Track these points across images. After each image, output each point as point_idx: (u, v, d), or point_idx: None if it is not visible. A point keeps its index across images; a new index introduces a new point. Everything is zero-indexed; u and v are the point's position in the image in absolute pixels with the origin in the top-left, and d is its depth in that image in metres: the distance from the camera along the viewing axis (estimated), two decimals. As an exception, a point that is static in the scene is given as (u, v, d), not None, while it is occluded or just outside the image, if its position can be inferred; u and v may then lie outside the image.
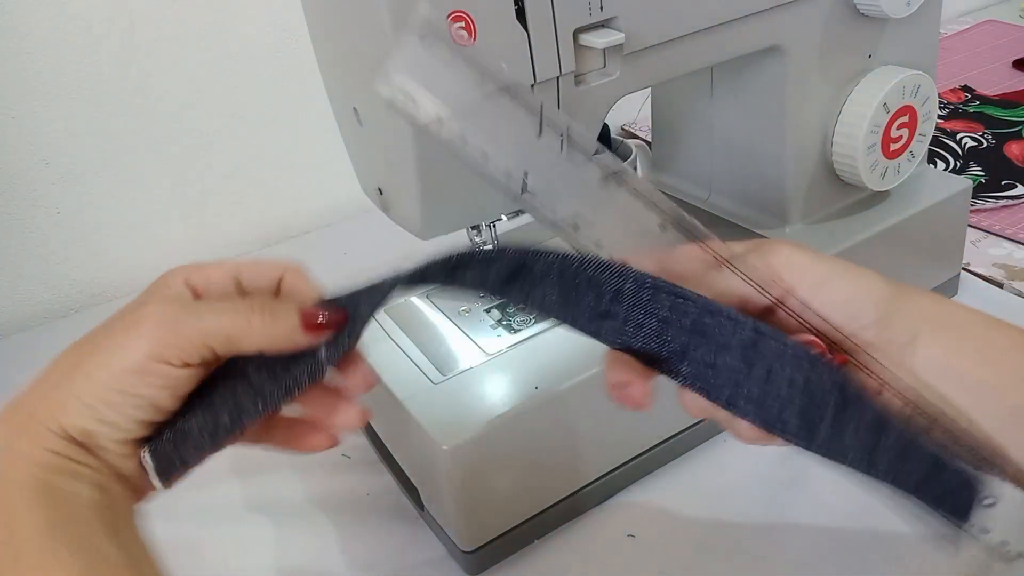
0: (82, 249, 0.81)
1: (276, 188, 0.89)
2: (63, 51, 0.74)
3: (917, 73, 0.54)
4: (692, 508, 0.51)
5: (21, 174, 0.76)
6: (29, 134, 0.75)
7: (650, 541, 0.49)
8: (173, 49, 0.78)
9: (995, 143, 0.87)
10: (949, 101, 0.97)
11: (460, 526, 0.47)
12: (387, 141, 0.43)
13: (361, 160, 0.49)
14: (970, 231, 0.71)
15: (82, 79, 0.75)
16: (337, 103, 0.48)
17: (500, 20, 0.39)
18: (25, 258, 0.79)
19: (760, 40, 0.50)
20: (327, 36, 0.45)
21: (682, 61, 0.48)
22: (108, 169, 0.79)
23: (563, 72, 0.42)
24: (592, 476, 0.50)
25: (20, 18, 0.71)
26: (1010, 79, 1.04)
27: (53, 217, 0.79)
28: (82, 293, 0.83)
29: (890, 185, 0.57)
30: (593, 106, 0.45)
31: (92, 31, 0.74)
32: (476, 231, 0.51)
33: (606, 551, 0.48)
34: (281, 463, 0.56)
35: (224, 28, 0.80)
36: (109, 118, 0.78)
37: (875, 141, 0.54)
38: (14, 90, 0.73)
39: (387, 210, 0.48)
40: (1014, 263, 0.69)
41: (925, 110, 0.56)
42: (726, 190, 0.61)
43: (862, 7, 0.52)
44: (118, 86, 0.77)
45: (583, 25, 0.42)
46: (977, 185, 0.79)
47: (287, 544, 0.51)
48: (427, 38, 0.32)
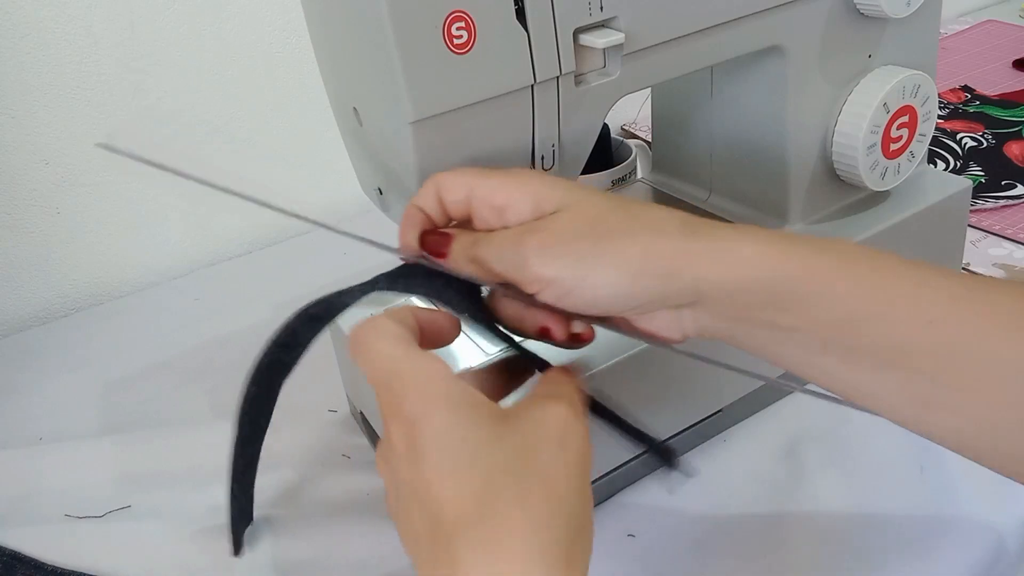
0: (82, 249, 0.81)
1: (276, 188, 0.89)
2: (63, 51, 0.74)
3: (917, 73, 0.54)
4: (692, 508, 0.51)
5: (21, 174, 0.76)
6: (29, 134, 0.75)
7: (650, 541, 0.49)
8: (173, 49, 0.78)
9: (995, 143, 0.87)
10: (949, 101, 0.97)
11: (460, 526, 0.46)
12: (387, 141, 0.43)
13: (361, 160, 0.49)
14: (970, 231, 0.71)
15: (82, 79, 0.75)
16: (337, 103, 0.48)
17: (500, 20, 0.39)
18: (25, 258, 0.79)
19: (760, 40, 0.50)
20: (327, 36, 0.45)
21: (682, 61, 0.48)
22: (108, 169, 0.79)
23: (563, 72, 0.42)
24: (592, 476, 0.50)
25: (20, 18, 0.71)
26: (1010, 79, 1.04)
27: (53, 217, 0.79)
28: (82, 293, 0.83)
29: (890, 185, 0.57)
30: (593, 106, 0.45)
31: (92, 31, 0.74)
32: (476, 231, 0.51)
33: (606, 551, 0.48)
34: (281, 463, 0.56)
35: (224, 28, 0.80)
36: (109, 118, 0.78)
37: (875, 141, 0.54)
38: (14, 90, 0.73)
39: (387, 210, 0.48)
40: (1014, 263, 0.69)
41: (925, 110, 0.56)
42: (726, 190, 0.61)
43: (862, 7, 0.52)
44: (118, 86, 0.77)
45: (583, 25, 0.42)
46: (977, 185, 0.79)
47: (287, 544, 0.51)
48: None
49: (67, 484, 0.57)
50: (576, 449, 0.32)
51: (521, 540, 0.28)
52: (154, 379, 0.69)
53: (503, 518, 0.29)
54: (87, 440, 0.62)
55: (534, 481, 0.30)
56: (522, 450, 0.30)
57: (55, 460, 0.60)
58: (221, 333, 0.72)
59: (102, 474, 0.58)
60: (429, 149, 0.41)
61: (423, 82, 0.38)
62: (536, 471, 0.30)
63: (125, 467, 0.59)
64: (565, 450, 0.31)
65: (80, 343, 0.75)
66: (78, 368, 0.71)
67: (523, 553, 0.28)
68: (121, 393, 0.67)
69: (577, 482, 0.31)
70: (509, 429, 0.31)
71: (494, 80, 0.40)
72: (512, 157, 0.44)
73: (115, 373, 0.70)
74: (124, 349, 0.73)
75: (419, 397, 0.31)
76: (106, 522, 0.54)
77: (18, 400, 0.68)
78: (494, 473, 0.30)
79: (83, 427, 0.64)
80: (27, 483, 0.58)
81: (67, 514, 0.55)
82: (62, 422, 0.64)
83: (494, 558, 0.28)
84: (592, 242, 0.34)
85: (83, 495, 0.56)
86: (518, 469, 0.30)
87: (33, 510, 0.56)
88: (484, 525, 0.29)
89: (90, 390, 0.68)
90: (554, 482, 0.30)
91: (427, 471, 0.30)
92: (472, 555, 0.28)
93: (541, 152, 0.44)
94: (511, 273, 0.36)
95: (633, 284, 0.34)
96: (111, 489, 0.57)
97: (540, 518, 0.29)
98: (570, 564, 0.29)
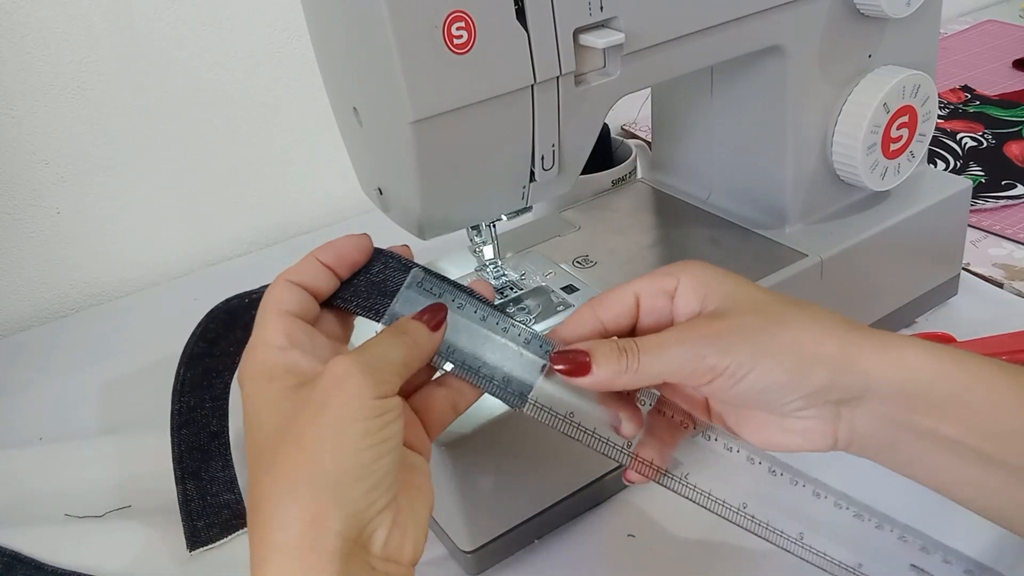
0: (82, 249, 0.81)
1: (276, 188, 0.89)
2: (63, 51, 0.74)
3: (917, 73, 0.54)
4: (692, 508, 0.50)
5: (21, 174, 0.76)
6: (29, 134, 0.75)
7: (650, 541, 0.49)
8: (173, 49, 0.78)
9: (995, 143, 0.87)
10: (949, 101, 0.97)
11: (460, 526, 0.47)
12: (387, 141, 0.43)
13: (361, 160, 0.49)
14: (970, 231, 0.71)
15: (82, 79, 0.75)
16: (337, 103, 0.48)
17: (500, 20, 0.39)
18: (25, 258, 0.79)
19: (760, 40, 0.50)
20: (327, 36, 0.45)
21: (682, 61, 0.48)
22: (108, 169, 0.79)
23: (563, 72, 0.42)
24: (592, 476, 0.50)
25: (20, 18, 0.71)
26: (1010, 79, 1.04)
27: (53, 217, 0.79)
28: (82, 293, 0.83)
29: (890, 185, 0.57)
30: (593, 106, 0.45)
31: (92, 31, 0.74)
32: (476, 231, 0.51)
33: (606, 551, 0.48)
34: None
35: (224, 28, 0.80)
36: (109, 118, 0.78)
37: (875, 141, 0.54)
38: (14, 90, 0.73)
39: (387, 210, 0.48)
40: (1014, 263, 0.69)
41: (925, 110, 0.56)
42: (726, 190, 0.61)
43: (862, 7, 0.52)
44: (118, 86, 0.77)
45: (583, 25, 0.42)
46: (977, 185, 0.79)
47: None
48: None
49: (67, 484, 0.57)
50: (339, 405, 0.31)
51: (272, 505, 0.30)
52: (154, 379, 0.68)
53: (257, 485, 0.31)
54: (87, 440, 0.61)
55: (289, 443, 0.31)
56: (287, 418, 0.32)
57: (55, 460, 0.60)
58: (221, 333, 0.72)
59: (102, 474, 0.58)
60: (429, 149, 0.41)
61: (423, 82, 0.38)
62: (291, 434, 0.31)
63: (125, 467, 0.58)
64: (324, 409, 0.31)
65: (80, 343, 0.75)
66: (78, 368, 0.71)
67: (271, 521, 0.30)
68: (121, 393, 0.67)
69: (333, 441, 0.31)
70: (291, 401, 0.33)
71: (494, 80, 0.40)
72: (512, 157, 0.44)
73: (115, 373, 0.70)
74: (124, 349, 0.73)
75: (243, 369, 0.35)
76: (106, 522, 0.54)
77: (18, 400, 0.68)
78: (261, 444, 0.32)
79: (83, 427, 0.64)
80: (27, 483, 0.58)
81: (67, 514, 0.55)
82: (62, 422, 0.64)
83: (253, 524, 0.31)
84: (766, 329, 0.34)
85: (83, 495, 0.56)
86: (281, 437, 0.32)
87: (33, 510, 0.56)
88: (252, 493, 0.32)
89: (90, 390, 0.68)
90: (305, 442, 0.31)
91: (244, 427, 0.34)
92: (250, 525, 0.31)
93: (541, 152, 0.44)
94: (678, 368, 0.35)
95: (805, 370, 0.34)
96: (111, 489, 0.57)
97: (286, 480, 0.30)
98: (316, 524, 0.30)
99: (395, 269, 0.38)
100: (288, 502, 0.30)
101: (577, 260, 0.58)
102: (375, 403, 0.31)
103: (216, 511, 0.52)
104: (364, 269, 0.38)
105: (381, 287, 0.38)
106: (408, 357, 0.34)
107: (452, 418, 0.37)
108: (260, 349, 0.34)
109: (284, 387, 0.33)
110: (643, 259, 0.58)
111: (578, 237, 0.61)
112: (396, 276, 0.38)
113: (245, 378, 0.34)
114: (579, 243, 0.60)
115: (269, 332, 0.34)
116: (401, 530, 0.32)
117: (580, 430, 0.37)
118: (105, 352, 0.73)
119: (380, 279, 0.38)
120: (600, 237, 0.61)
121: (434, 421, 0.37)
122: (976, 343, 0.58)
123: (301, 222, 0.91)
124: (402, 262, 0.39)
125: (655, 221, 0.63)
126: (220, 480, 0.53)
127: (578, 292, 0.54)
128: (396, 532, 0.32)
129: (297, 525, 0.29)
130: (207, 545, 0.52)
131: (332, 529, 0.30)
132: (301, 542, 0.29)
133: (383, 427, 0.31)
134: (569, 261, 0.58)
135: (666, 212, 0.64)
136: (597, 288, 0.54)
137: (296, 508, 0.30)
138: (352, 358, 0.32)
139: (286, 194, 0.90)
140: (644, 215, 0.64)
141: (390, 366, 0.33)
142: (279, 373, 0.33)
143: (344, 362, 0.32)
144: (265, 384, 0.33)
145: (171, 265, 0.86)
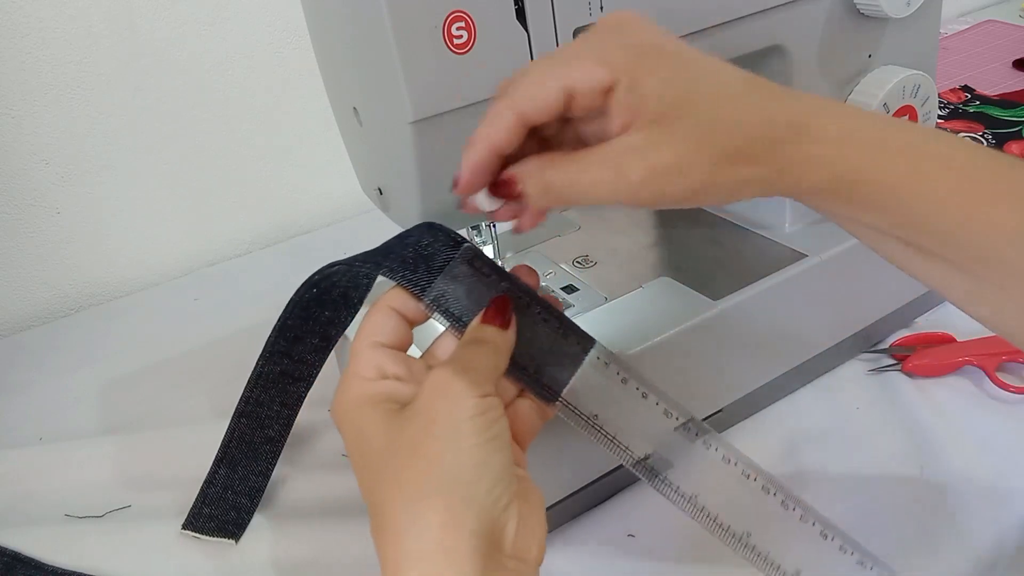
0: (82, 249, 0.81)
1: (276, 188, 0.89)
2: (63, 51, 0.74)
3: (917, 73, 0.54)
4: (692, 508, 0.50)
5: (21, 174, 0.76)
6: (29, 134, 0.75)
7: (650, 541, 0.49)
8: (173, 49, 0.78)
9: (995, 143, 0.87)
10: (949, 101, 0.97)
11: (460, 526, 0.46)
12: (387, 141, 0.43)
13: (361, 160, 0.49)
14: (970, 231, 0.70)
15: (82, 79, 0.75)
16: (337, 103, 0.48)
17: (500, 20, 0.39)
18: (25, 258, 0.79)
19: (760, 40, 0.50)
20: (327, 36, 0.45)
21: (682, 61, 0.48)
22: (108, 169, 0.79)
23: (563, 72, 0.42)
24: (592, 476, 0.50)
25: (20, 18, 0.71)
26: (1010, 79, 1.04)
27: (53, 217, 0.79)
28: (82, 293, 0.83)
29: (890, 185, 0.57)
30: (593, 106, 0.45)
31: (92, 31, 0.74)
32: (476, 231, 0.51)
33: (606, 551, 0.48)
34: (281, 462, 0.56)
35: (224, 28, 0.80)
36: (109, 118, 0.78)
37: (875, 141, 0.54)
38: (14, 90, 0.73)
39: (387, 210, 0.48)
40: (1014, 263, 0.69)
41: (925, 110, 0.56)
42: (726, 190, 0.61)
43: (862, 7, 0.52)
44: (118, 86, 0.77)
45: (583, 25, 0.42)
46: (977, 185, 0.79)
47: (287, 544, 0.51)
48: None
49: (67, 484, 0.57)
50: (447, 409, 0.33)
51: (402, 515, 0.31)
52: (154, 379, 0.69)
53: (381, 502, 0.32)
54: (87, 440, 0.62)
55: (406, 455, 0.32)
56: (398, 434, 0.33)
57: (55, 460, 0.60)
58: (221, 333, 0.72)
59: (102, 474, 0.58)
60: (429, 149, 0.41)
61: (423, 82, 0.38)
62: (406, 446, 0.32)
63: (125, 467, 0.58)
64: (433, 415, 0.33)
65: (80, 343, 0.75)
66: (78, 368, 0.71)
67: (405, 531, 0.31)
68: (121, 393, 0.67)
69: (448, 443, 0.32)
70: (398, 420, 0.34)
71: (494, 80, 0.40)
72: (512, 157, 0.44)
73: (115, 373, 0.70)
74: (124, 349, 0.73)
75: (339, 402, 0.35)
76: (106, 522, 0.54)
77: (18, 400, 0.68)
78: (376, 464, 0.33)
79: (83, 427, 0.64)
80: (27, 483, 0.58)
81: (67, 514, 0.55)
82: (62, 422, 0.64)
83: (382, 540, 0.31)
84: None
85: (83, 495, 0.56)
86: (395, 452, 0.33)
87: (33, 510, 0.56)
88: (375, 511, 0.32)
89: (90, 390, 0.68)
90: (423, 450, 0.32)
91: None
92: (380, 544, 0.32)
93: (541, 152, 0.44)
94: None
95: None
96: (111, 489, 0.57)
97: (413, 489, 0.31)
98: (451, 526, 0.30)
99: (444, 244, 0.38)
100: (420, 509, 0.31)
101: (577, 260, 0.58)
102: (479, 401, 0.33)
103: (226, 509, 0.52)
104: (415, 240, 0.38)
105: (429, 261, 0.38)
106: (496, 362, 0.36)
107: (539, 427, 0.38)
108: (355, 383, 0.35)
109: (387, 410, 0.34)
110: (643, 259, 0.58)
111: (578, 237, 0.61)
112: (445, 251, 0.38)
113: (342, 410, 0.35)
114: (579, 243, 0.60)
115: (362, 367, 0.36)
116: (527, 528, 0.33)
117: (602, 433, 0.38)
118: (105, 352, 0.73)
119: (429, 252, 0.38)
120: (600, 237, 0.61)
121: (525, 431, 0.38)
122: (976, 343, 0.58)
123: (301, 222, 0.91)
124: (452, 236, 0.39)
125: (655, 221, 0.63)
126: (250, 482, 0.52)
127: (578, 292, 0.54)
128: (523, 529, 0.33)
129: (433, 530, 0.30)
130: (199, 534, 0.51)
131: (467, 528, 0.30)
132: (439, 546, 0.30)
133: (491, 424, 0.33)
134: (569, 261, 0.58)
135: (666, 212, 0.64)
136: (597, 288, 0.54)
137: (430, 513, 0.31)
138: (449, 366, 0.34)
139: (286, 194, 0.90)
140: (644, 215, 0.64)
141: (483, 372, 0.34)
142: (380, 400, 0.35)
143: (443, 370, 0.34)
144: (369, 409, 0.34)
145: (171, 265, 0.86)
